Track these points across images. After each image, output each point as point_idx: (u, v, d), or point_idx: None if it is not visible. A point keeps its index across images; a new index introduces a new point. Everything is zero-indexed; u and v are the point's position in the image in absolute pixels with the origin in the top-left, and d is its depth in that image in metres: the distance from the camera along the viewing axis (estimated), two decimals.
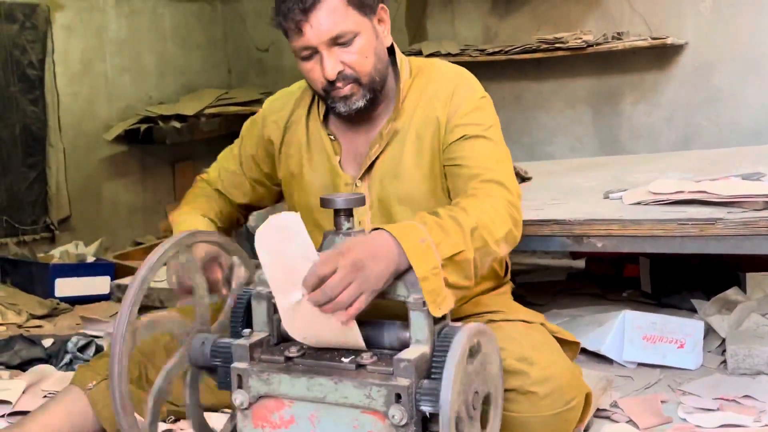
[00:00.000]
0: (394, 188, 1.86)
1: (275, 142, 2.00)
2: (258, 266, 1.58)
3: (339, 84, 1.77)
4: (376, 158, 1.86)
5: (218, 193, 2.10)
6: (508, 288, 2.08)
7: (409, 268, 1.46)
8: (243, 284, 1.68)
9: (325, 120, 1.93)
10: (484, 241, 1.59)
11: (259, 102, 5.08)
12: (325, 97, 1.83)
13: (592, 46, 4.00)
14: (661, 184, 2.54)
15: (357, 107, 1.80)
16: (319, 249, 1.52)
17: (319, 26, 1.72)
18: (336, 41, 1.74)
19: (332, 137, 1.92)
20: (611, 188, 2.72)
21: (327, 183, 1.91)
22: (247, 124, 2.11)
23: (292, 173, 1.97)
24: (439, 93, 1.86)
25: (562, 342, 1.91)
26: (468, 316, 1.90)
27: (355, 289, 1.42)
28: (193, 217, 1.97)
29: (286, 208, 2.01)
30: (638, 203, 2.48)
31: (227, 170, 2.12)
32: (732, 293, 2.64)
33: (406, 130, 1.87)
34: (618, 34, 4.06)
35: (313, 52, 1.76)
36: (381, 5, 1.83)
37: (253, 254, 1.51)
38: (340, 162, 1.90)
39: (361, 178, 1.88)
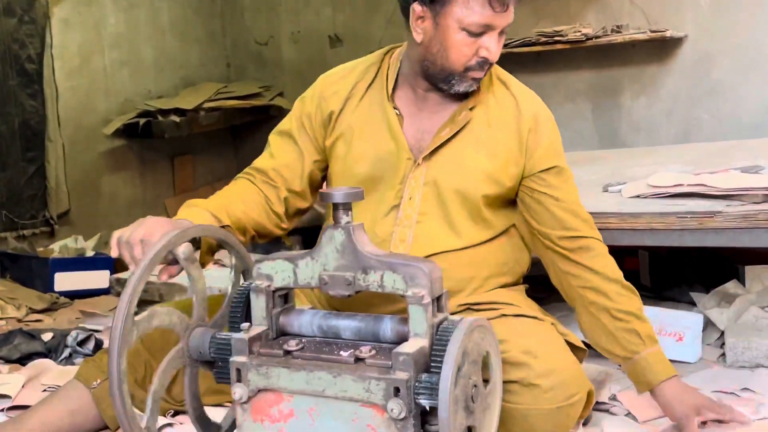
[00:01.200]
0: (453, 177, 1.87)
1: (335, 112, 1.95)
2: (258, 261, 1.58)
3: (486, 67, 1.84)
4: (445, 142, 1.88)
5: (263, 185, 1.97)
6: (523, 288, 2.08)
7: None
8: (240, 270, 1.68)
9: (392, 95, 1.93)
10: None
11: (258, 96, 5.09)
12: (455, 73, 1.83)
13: (591, 39, 4.00)
14: (660, 177, 2.54)
15: (473, 89, 1.87)
16: (318, 243, 1.52)
17: (510, 12, 1.82)
18: (504, 29, 1.84)
19: (397, 112, 1.92)
20: (610, 181, 2.72)
21: (383, 154, 1.89)
22: (298, 102, 2.03)
23: (341, 135, 1.94)
24: (523, 109, 1.91)
25: (570, 346, 1.90)
26: (489, 303, 1.91)
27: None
28: (200, 212, 1.86)
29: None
30: (637, 196, 2.48)
31: (280, 152, 1.99)
32: (731, 286, 2.64)
33: (478, 126, 1.89)
34: (617, 27, 4.06)
35: (484, 32, 1.80)
36: None
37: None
38: (405, 137, 1.90)
39: (424, 156, 1.88)
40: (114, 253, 1.65)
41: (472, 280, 1.90)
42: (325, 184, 2.07)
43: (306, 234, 3.35)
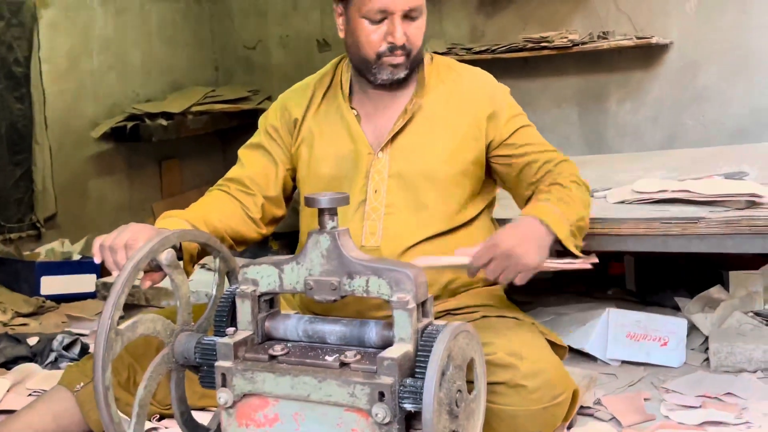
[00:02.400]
0: (417, 163, 1.95)
1: (299, 120, 2.05)
2: (243, 265, 1.58)
3: (398, 52, 1.90)
4: (400, 131, 1.96)
5: (239, 193, 2.02)
6: (501, 288, 2.09)
7: (554, 238, 1.76)
8: (224, 272, 1.69)
9: (349, 98, 2.03)
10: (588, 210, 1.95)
11: (246, 100, 5.08)
12: (371, 62, 1.92)
13: (577, 45, 4.02)
14: (644, 183, 2.55)
15: (398, 77, 1.93)
16: (303, 248, 1.53)
17: None
18: (408, 13, 1.90)
19: (355, 112, 2.01)
20: (596, 187, 2.74)
21: (344, 153, 1.98)
22: (262, 118, 2.13)
23: (303, 140, 2.03)
24: (475, 89, 2.01)
25: (550, 344, 1.92)
26: (467, 307, 1.96)
27: (511, 272, 1.70)
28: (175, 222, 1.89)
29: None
30: (622, 202, 2.50)
31: (251, 161, 2.07)
32: (715, 291, 2.66)
33: (432, 112, 1.98)
34: (604, 33, 4.08)
35: (384, 17, 1.89)
36: None
37: None
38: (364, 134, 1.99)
39: (383, 150, 1.95)
40: (97, 259, 1.65)
41: (447, 271, 1.94)
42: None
43: (291, 238, 3.34)
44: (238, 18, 5.27)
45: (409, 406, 1.38)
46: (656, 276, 2.91)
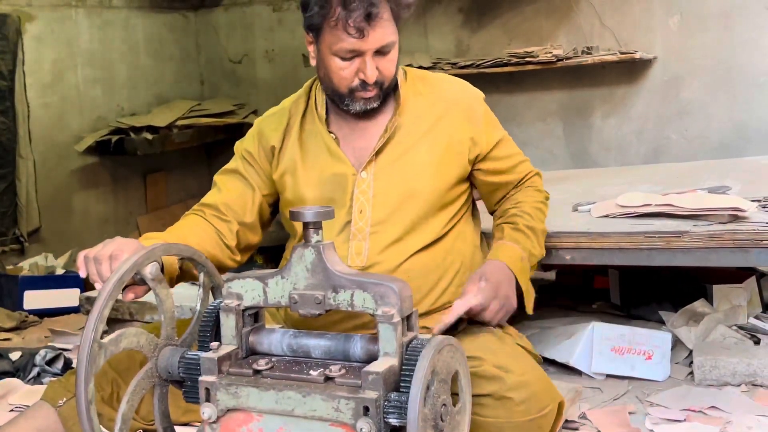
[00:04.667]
0: (400, 181, 1.95)
1: (276, 147, 2.04)
2: (228, 279, 1.58)
3: (369, 87, 1.89)
4: (381, 150, 1.96)
5: (214, 219, 2.03)
6: None
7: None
8: (208, 287, 1.68)
9: (326, 121, 2.02)
10: (545, 234, 2.10)
11: (231, 113, 5.08)
12: (344, 95, 1.92)
13: (562, 60, 4.05)
14: (628, 197, 2.56)
15: (372, 107, 1.93)
16: (288, 262, 1.53)
17: (375, 33, 1.84)
18: (380, 50, 1.87)
19: (333, 135, 2.00)
20: (580, 201, 2.75)
21: (328, 176, 1.97)
22: (238, 144, 2.12)
23: (286, 170, 2.02)
24: (451, 102, 2.02)
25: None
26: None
27: (504, 313, 1.91)
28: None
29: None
30: (606, 216, 2.51)
31: (228, 187, 2.07)
32: (699, 305, 2.67)
33: (412, 129, 1.98)
34: (588, 48, 4.11)
35: (356, 55, 1.86)
36: None
37: None
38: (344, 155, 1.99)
39: (365, 170, 1.95)
40: (82, 272, 1.65)
41: (440, 281, 1.96)
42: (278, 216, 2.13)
43: (276, 252, 3.30)
44: (223, 32, 5.27)
45: (394, 421, 1.37)
46: (641, 290, 2.91)
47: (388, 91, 1.96)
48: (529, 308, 1.98)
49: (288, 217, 1.96)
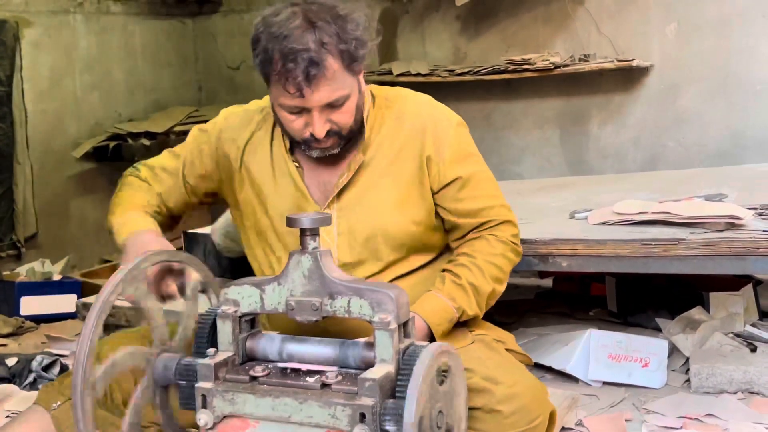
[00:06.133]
0: (365, 218, 1.87)
1: (232, 161, 1.97)
2: (222, 285, 1.58)
3: (322, 139, 1.78)
4: (344, 188, 1.87)
5: (151, 188, 2.03)
6: None
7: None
8: (198, 288, 1.68)
9: (290, 147, 1.92)
10: (495, 294, 1.90)
11: None
12: (300, 142, 1.83)
13: (559, 67, 4.06)
14: (625, 204, 2.57)
15: (331, 153, 1.83)
16: (285, 268, 1.53)
17: (319, 92, 1.72)
18: (330, 105, 1.75)
19: (297, 164, 1.91)
20: (577, 208, 2.75)
21: (292, 209, 1.89)
22: (195, 132, 2.07)
23: (256, 195, 1.95)
24: (416, 128, 1.89)
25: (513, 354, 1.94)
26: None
27: None
28: (138, 216, 1.92)
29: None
30: (603, 223, 2.51)
31: (165, 170, 2.03)
32: (696, 312, 2.67)
33: (376, 162, 1.88)
34: (585, 56, 4.12)
35: (301, 111, 1.76)
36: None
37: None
38: (307, 190, 1.90)
39: (329, 206, 1.88)
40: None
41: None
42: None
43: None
44: (221, 38, 5.28)
45: (390, 428, 1.37)
46: (637, 297, 2.92)
47: (352, 135, 1.83)
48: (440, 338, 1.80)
49: (261, 227, 1.93)
